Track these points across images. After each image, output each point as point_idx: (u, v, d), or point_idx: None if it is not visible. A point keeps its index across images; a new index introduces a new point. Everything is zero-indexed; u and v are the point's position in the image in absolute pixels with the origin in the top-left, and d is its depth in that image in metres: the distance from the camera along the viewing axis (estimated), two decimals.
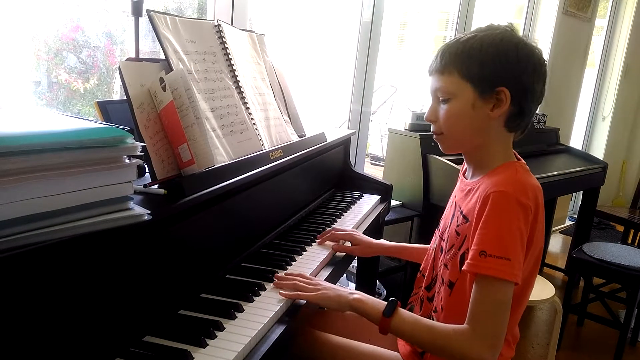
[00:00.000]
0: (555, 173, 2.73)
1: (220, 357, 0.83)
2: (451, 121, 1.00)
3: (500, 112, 0.97)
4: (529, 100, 0.98)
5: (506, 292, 0.91)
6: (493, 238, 0.91)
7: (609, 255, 2.38)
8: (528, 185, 0.96)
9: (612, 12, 4.49)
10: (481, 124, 0.99)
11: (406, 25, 3.09)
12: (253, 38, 1.49)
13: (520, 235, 0.91)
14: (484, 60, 0.95)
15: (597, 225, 4.50)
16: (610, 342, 2.48)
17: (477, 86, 0.96)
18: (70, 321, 0.74)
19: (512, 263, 0.89)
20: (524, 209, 0.92)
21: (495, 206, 0.92)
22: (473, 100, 0.97)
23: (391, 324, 0.97)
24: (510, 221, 0.91)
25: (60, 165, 0.70)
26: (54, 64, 1.69)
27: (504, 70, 0.95)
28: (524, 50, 0.96)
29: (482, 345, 0.89)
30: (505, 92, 0.95)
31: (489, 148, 1.02)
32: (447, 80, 0.99)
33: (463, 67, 0.96)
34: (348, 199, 1.80)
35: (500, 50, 0.95)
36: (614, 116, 4.76)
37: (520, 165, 1.02)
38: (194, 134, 1.00)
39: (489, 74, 0.95)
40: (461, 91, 0.97)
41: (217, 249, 1.12)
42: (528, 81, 0.96)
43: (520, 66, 0.95)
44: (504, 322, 0.91)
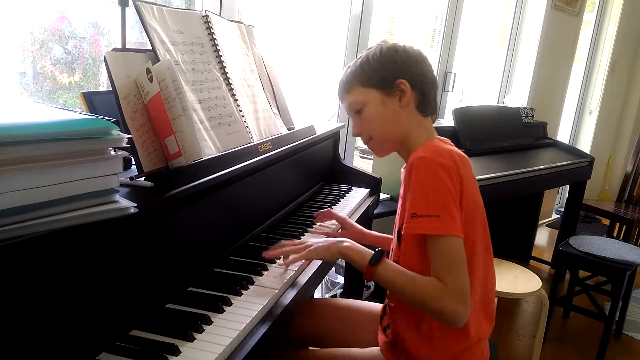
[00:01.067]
0: (543, 167, 2.75)
1: (208, 350, 0.83)
2: (372, 123, 1.13)
3: (407, 99, 1.09)
4: (426, 83, 1.11)
5: (450, 245, 0.96)
6: (420, 199, 0.98)
7: (595, 249, 2.41)
8: (445, 150, 1.03)
9: (600, 7, 4.52)
10: (397, 115, 1.11)
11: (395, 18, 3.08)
12: (242, 29, 1.48)
13: (447, 191, 0.97)
14: (376, 66, 1.10)
15: (583, 218, 4.55)
16: (596, 334, 2.51)
17: (380, 87, 1.10)
18: (55, 315, 0.73)
19: (441, 218, 0.95)
20: (444, 167, 0.98)
21: (417, 171, 0.99)
22: (381, 99, 1.10)
23: (376, 271, 1.03)
24: (432, 180, 0.97)
25: (44, 157, 0.68)
26: (40, 55, 1.66)
27: (394, 67, 1.09)
28: (401, 49, 1.11)
29: (452, 297, 0.94)
30: (404, 82, 1.08)
31: (411, 135, 1.12)
32: (354, 95, 1.13)
33: (362, 78, 1.11)
34: (337, 192, 1.79)
35: (384, 54, 1.10)
36: (600, 111, 4.80)
37: (440, 139, 1.12)
38: (182, 126, 0.99)
39: (385, 74, 1.10)
40: (368, 97, 1.11)
41: (205, 242, 1.11)
42: (417, 70, 1.10)
43: (405, 60, 1.10)
44: (463, 275, 0.96)
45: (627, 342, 2.64)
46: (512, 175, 2.49)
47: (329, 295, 2.36)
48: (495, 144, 2.78)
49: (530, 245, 3.55)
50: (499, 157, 2.70)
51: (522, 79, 3.74)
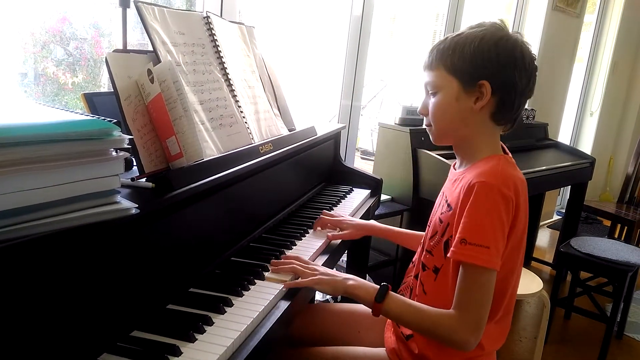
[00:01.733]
0: (544, 168, 2.75)
1: (209, 351, 0.83)
2: (438, 113, 1.06)
3: (482, 104, 1.01)
4: (512, 93, 1.01)
5: (487, 279, 0.95)
6: (474, 227, 0.95)
7: (596, 250, 2.40)
8: (510, 177, 0.99)
9: (601, 8, 4.52)
10: (465, 115, 1.03)
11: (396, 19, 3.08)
12: (243, 30, 1.48)
13: (500, 224, 0.95)
14: (466, 56, 1.00)
15: (584, 219, 4.54)
16: (597, 336, 2.51)
17: (461, 80, 1.01)
18: (56, 316, 0.73)
19: (490, 251, 0.93)
20: (506, 199, 0.95)
21: (478, 196, 0.95)
22: (457, 93, 1.02)
23: (382, 308, 1.01)
24: (491, 211, 0.95)
25: (46, 158, 0.69)
26: (41, 56, 1.67)
27: (484, 65, 0.99)
28: (505, 45, 0.99)
29: (467, 329, 0.94)
30: (486, 85, 0.99)
31: (474, 140, 1.06)
32: (435, 75, 1.04)
33: (448, 62, 1.02)
34: (338, 193, 1.79)
35: (482, 46, 0.99)
36: (601, 111, 4.79)
37: (505, 158, 1.05)
38: (183, 127, 0.99)
39: (471, 68, 1.00)
40: (447, 84, 1.03)
41: (206, 243, 1.11)
42: (509, 75, 1.00)
43: (500, 61, 0.99)
44: (486, 307, 0.95)
45: (629, 344, 2.64)
46: None
47: (330, 297, 2.36)
48: None
49: (531, 246, 3.55)
50: None
51: None
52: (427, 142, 2.34)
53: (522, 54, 1.01)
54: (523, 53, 1.01)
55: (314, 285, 1.08)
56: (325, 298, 2.34)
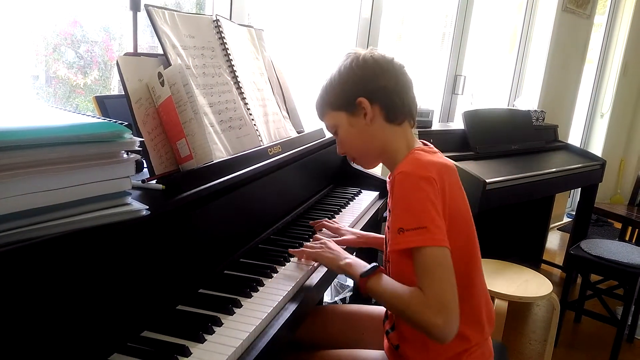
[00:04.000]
0: (554, 170, 2.73)
1: (219, 352, 0.83)
2: (348, 144, 1.15)
3: (371, 116, 1.09)
4: (387, 95, 1.09)
5: (438, 257, 0.94)
6: (405, 214, 0.97)
7: (607, 252, 2.38)
8: (426, 162, 1.03)
9: (611, 9, 4.49)
10: (367, 133, 1.11)
11: (405, 21, 3.08)
12: (252, 33, 1.49)
13: (430, 203, 0.96)
14: (337, 89, 1.12)
15: (595, 222, 4.51)
16: (608, 339, 2.49)
17: (345, 109, 1.11)
18: (68, 316, 0.74)
19: (428, 229, 0.94)
20: (427, 180, 0.98)
21: (400, 186, 0.99)
22: (348, 121, 1.12)
23: (366, 284, 1.03)
24: (416, 194, 0.97)
25: (58, 160, 0.70)
26: (53, 59, 1.68)
27: (351, 87, 1.10)
28: (358, 63, 1.10)
29: (434, 311, 0.91)
30: (362, 100, 1.08)
31: (389, 147, 1.12)
32: (327, 119, 1.16)
33: (327, 103, 1.14)
34: (346, 195, 1.80)
35: (342, 75, 1.11)
36: (612, 113, 4.76)
37: (422, 149, 1.11)
38: (192, 129, 1.00)
39: (345, 95, 1.10)
40: (337, 120, 1.13)
41: (215, 244, 1.12)
42: (375, 84, 1.09)
43: (361, 77, 1.09)
44: (449, 286, 0.93)
45: None
46: (523, 178, 2.47)
47: (339, 298, 2.36)
48: (506, 147, 2.77)
49: (541, 248, 3.52)
50: (510, 160, 2.69)
51: (532, 81, 3.72)
52: (436, 144, 2.32)
53: (375, 60, 1.10)
54: (376, 60, 1.10)
55: (314, 258, 1.17)
56: (333, 300, 2.35)
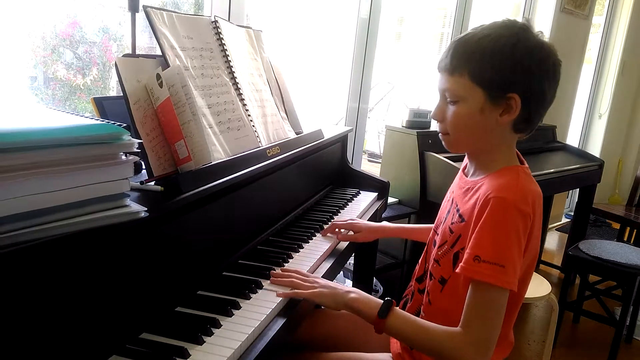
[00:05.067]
0: (552, 170, 2.74)
1: (217, 354, 0.83)
2: (458, 124, 0.98)
3: (509, 118, 0.95)
4: (539, 105, 0.96)
5: (500, 299, 0.90)
6: (489, 244, 0.90)
7: (605, 253, 2.39)
8: (529, 192, 0.93)
9: (609, 9, 4.50)
10: (488, 128, 0.97)
11: (403, 21, 3.08)
12: (250, 34, 1.49)
13: (517, 242, 0.90)
14: (497, 65, 0.91)
15: (593, 222, 4.51)
16: (606, 340, 2.49)
17: (488, 91, 0.93)
18: (66, 318, 0.74)
19: (506, 270, 0.88)
20: (523, 216, 0.90)
21: (494, 212, 0.90)
22: (482, 104, 0.94)
23: (386, 325, 0.96)
24: (508, 228, 0.89)
25: (56, 162, 0.69)
26: (51, 60, 1.68)
27: (516, 77, 0.92)
28: (539, 55, 0.92)
29: (475, 350, 0.89)
30: (516, 98, 0.92)
31: (493, 151, 1.00)
32: (456, 82, 0.95)
33: (474, 70, 0.93)
34: (345, 196, 1.80)
35: (514, 55, 0.91)
36: (610, 114, 4.76)
37: (523, 170, 0.99)
38: (191, 131, 1.00)
39: (501, 80, 0.92)
40: (471, 94, 0.94)
41: (213, 246, 1.12)
42: (540, 88, 0.93)
43: (534, 72, 0.92)
44: (497, 328, 0.90)
45: (638, 348, 2.61)
46: None
47: None
48: None
49: (540, 249, 3.52)
50: None
51: None
52: (434, 144, 2.34)
53: (555, 63, 0.94)
54: (555, 63, 0.94)
55: (314, 298, 1.03)
56: None
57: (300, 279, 1.08)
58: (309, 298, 1.03)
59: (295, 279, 1.07)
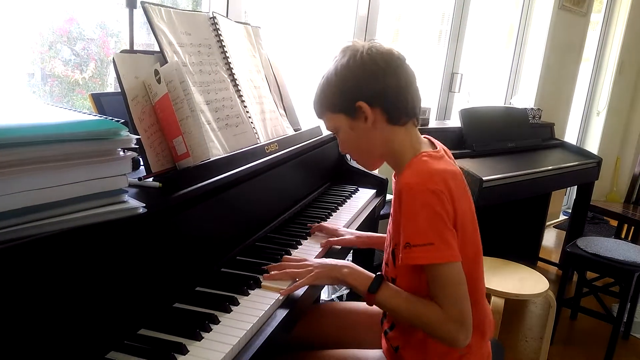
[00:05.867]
0: (550, 168, 2.74)
1: (216, 350, 0.83)
2: (348, 148, 1.11)
3: (372, 119, 1.03)
4: (388, 97, 1.03)
5: (451, 272, 0.95)
6: (412, 229, 0.96)
7: (603, 250, 2.39)
8: (435, 171, 0.99)
9: (608, 7, 4.50)
10: (369, 136, 1.06)
11: (401, 18, 3.08)
12: (248, 31, 1.48)
13: (438, 218, 0.94)
14: (335, 92, 1.05)
15: (591, 219, 4.52)
16: (603, 336, 2.50)
17: (343, 112, 1.06)
18: (64, 314, 0.73)
19: (436, 246, 0.93)
20: (434, 193, 0.95)
21: (406, 199, 0.96)
22: (349, 124, 1.06)
23: (375, 299, 1.02)
24: (423, 209, 0.94)
25: (54, 158, 0.69)
26: (48, 56, 1.68)
27: (351, 90, 1.03)
28: (355, 63, 1.02)
29: (455, 326, 0.94)
30: (362, 105, 1.02)
31: (393, 149, 1.08)
32: (326, 120, 1.11)
33: (328, 105, 1.08)
34: (343, 192, 1.80)
35: (340, 77, 1.03)
36: (608, 111, 4.77)
37: (428, 154, 1.04)
38: (189, 127, 1.00)
39: (344, 98, 1.04)
40: (338, 122, 1.08)
41: (212, 242, 1.12)
42: (376, 86, 1.02)
43: (360, 79, 1.02)
44: (464, 299, 0.95)
45: (636, 344, 2.62)
46: (519, 176, 2.48)
47: (336, 296, 2.36)
48: (502, 145, 2.77)
49: (537, 246, 3.53)
50: (506, 158, 2.69)
51: (529, 79, 3.73)
52: None
53: (373, 60, 1.02)
54: (374, 59, 1.02)
55: (313, 282, 1.08)
56: (330, 298, 2.35)
57: (295, 267, 1.11)
58: (309, 284, 1.08)
59: (290, 270, 1.10)
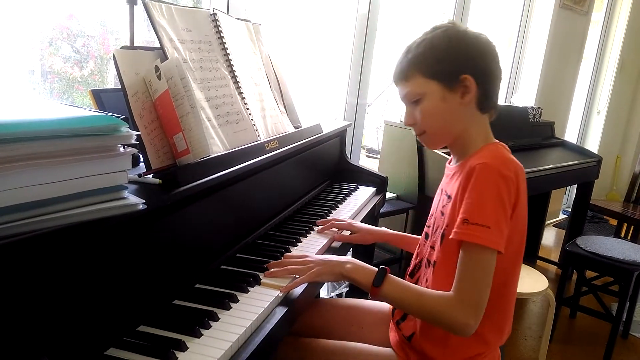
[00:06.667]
0: (550, 166, 2.74)
1: (215, 347, 0.83)
2: (429, 118, 1.06)
3: (470, 97, 1.03)
4: (491, 80, 1.05)
5: (487, 260, 0.95)
6: (475, 206, 0.95)
7: (602, 249, 2.39)
8: (510, 160, 1.00)
9: (609, 6, 4.49)
10: (456, 112, 1.05)
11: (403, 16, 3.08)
12: (249, 27, 1.48)
13: (502, 205, 0.95)
14: (440, 56, 1.02)
15: (590, 218, 4.53)
16: (602, 335, 2.50)
17: (442, 80, 1.02)
18: (64, 311, 0.73)
19: (491, 230, 0.93)
20: (506, 179, 0.96)
21: (479, 177, 0.96)
22: (442, 94, 1.03)
23: (380, 292, 1.02)
24: (492, 190, 0.95)
25: (54, 154, 0.69)
26: (49, 53, 1.67)
27: (460, 59, 1.02)
28: (471, 37, 1.03)
29: (466, 311, 0.93)
30: (468, 78, 1.01)
31: (469, 133, 1.07)
32: (412, 84, 1.05)
33: (423, 68, 1.03)
34: (344, 190, 1.80)
35: (451, 43, 1.02)
36: (608, 110, 4.77)
37: (502, 145, 1.07)
38: (189, 124, 1.00)
39: (449, 66, 1.02)
40: (428, 89, 1.03)
41: (211, 239, 1.12)
42: (484, 64, 1.03)
43: (473, 53, 1.02)
44: (486, 289, 0.95)
45: (635, 343, 2.63)
46: None
47: (335, 294, 2.36)
48: None
49: (537, 245, 3.54)
50: None
51: (529, 78, 3.73)
52: None
53: (486, 42, 1.04)
54: (487, 41, 1.04)
55: (315, 279, 1.06)
56: (330, 295, 2.35)
57: (293, 264, 1.10)
58: (310, 281, 1.06)
59: (290, 266, 1.09)
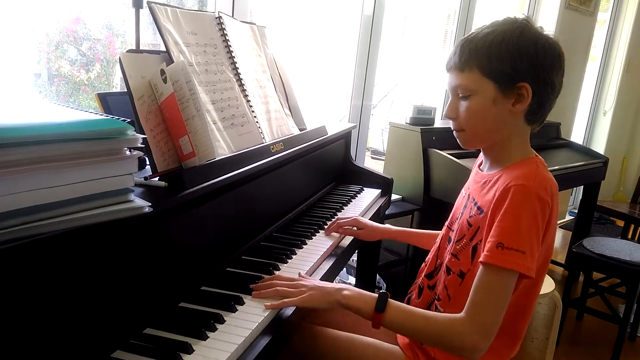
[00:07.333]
0: (556, 167, 2.73)
1: (221, 349, 0.83)
2: (473, 118, 1.00)
3: (522, 107, 0.97)
4: (549, 93, 0.98)
5: (510, 283, 0.91)
6: (511, 231, 0.91)
7: (609, 250, 2.38)
8: (547, 181, 0.95)
9: (615, 6, 4.47)
10: (502, 119, 0.99)
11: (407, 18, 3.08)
12: (254, 30, 1.48)
13: (536, 230, 0.91)
14: (505, 56, 0.94)
15: (597, 220, 4.50)
16: (610, 337, 2.48)
17: (498, 82, 0.95)
18: (70, 314, 0.74)
19: (526, 256, 0.90)
20: (543, 204, 0.92)
21: (515, 199, 0.91)
22: (494, 96, 0.96)
23: (384, 318, 0.95)
24: (529, 215, 0.91)
25: (61, 157, 0.69)
26: (55, 56, 1.68)
27: (524, 65, 0.94)
28: (544, 44, 0.95)
29: (478, 334, 0.90)
30: (526, 87, 0.95)
31: (509, 142, 1.02)
32: (467, 77, 0.98)
33: (483, 64, 0.96)
34: (349, 192, 1.79)
35: (520, 46, 0.94)
36: (615, 111, 4.74)
37: (541, 162, 1.02)
38: (195, 127, 1.00)
39: (510, 70, 0.94)
40: (482, 87, 0.97)
41: (217, 241, 1.12)
42: (548, 75, 0.96)
43: (540, 61, 0.95)
44: (502, 312, 0.91)
45: None
46: None
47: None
48: None
49: None
50: None
51: None
52: (438, 141, 2.34)
53: (559, 54, 0.97)
54: (560, 53, 0.97)
55: (305, 304, 0.97)
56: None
57: (284, 285, 1.01)
58: (299, 305, 0.97)
59: (279, 287, 1.00)
